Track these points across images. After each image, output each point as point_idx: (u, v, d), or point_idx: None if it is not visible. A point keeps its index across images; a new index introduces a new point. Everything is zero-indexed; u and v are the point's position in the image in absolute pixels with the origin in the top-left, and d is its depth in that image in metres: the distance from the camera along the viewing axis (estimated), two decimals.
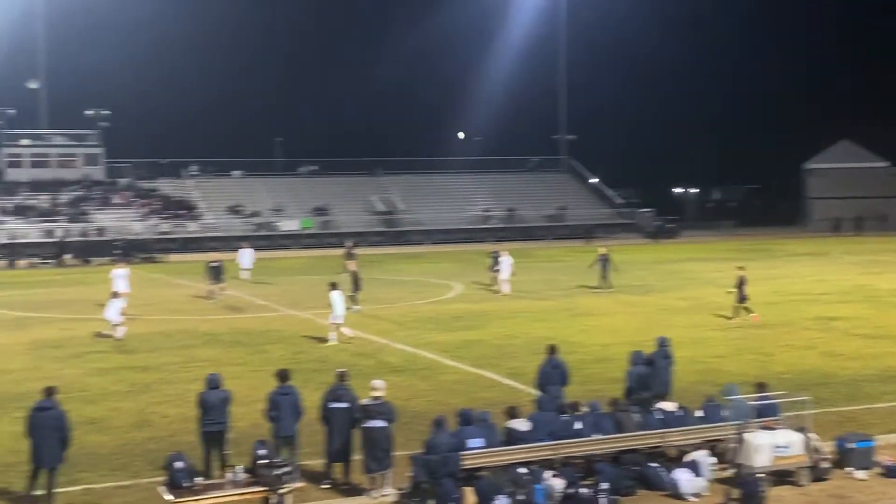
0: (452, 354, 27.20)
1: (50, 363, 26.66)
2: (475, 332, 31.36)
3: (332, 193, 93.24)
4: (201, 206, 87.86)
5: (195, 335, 31.35)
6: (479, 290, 43.65)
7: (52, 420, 14.64)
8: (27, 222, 78.90)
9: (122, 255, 68.23)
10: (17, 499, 14.91)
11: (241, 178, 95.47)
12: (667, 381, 19.36)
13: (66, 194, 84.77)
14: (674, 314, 34.88)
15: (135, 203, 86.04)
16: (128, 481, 15.94)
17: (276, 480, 13.64)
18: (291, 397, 15.78)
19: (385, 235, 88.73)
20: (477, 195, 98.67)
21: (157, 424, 19.72)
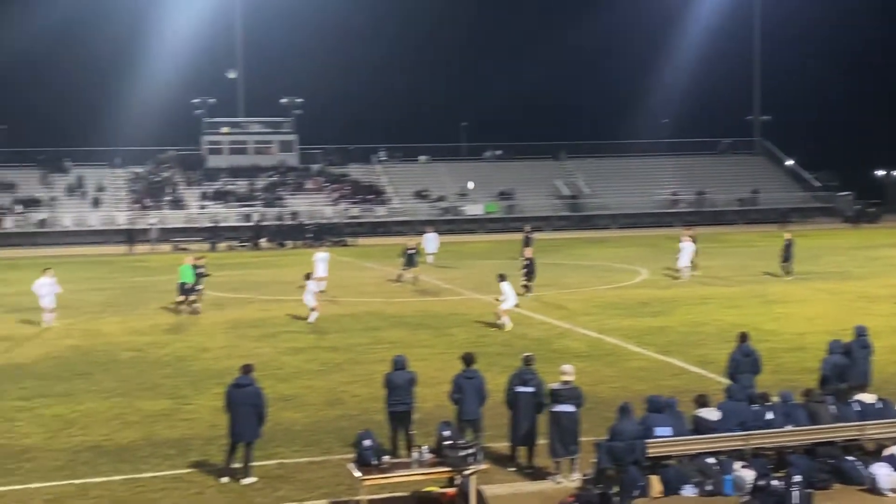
0: (638, 341, 26.81)
1: (247, 342, 27.84)
2: (662, 318, 30.80)
3: (516, 178, 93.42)
4: (389, 190, 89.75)
5: (382, 317, 32.07)
6: (666, 275, 42.82)
7: (249, 396, 15.27)
8: (226, 207, 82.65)
9: (314, 239, 70.72)
10: (216, 470, 15.65)
11: (427, 164, 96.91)
12: (865, 371, 18.47)
13: (262, 180, 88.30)
14: (873, 302, 33.24)
15: (326, 188, 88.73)
16: (320, 457, 16.48)
17: (461, 462, 13.77)
18: (476, 381, 15.90)
19: (570, 220, 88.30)
20: (665, 178, 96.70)
21: (347, 403, 20.29)
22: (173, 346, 27.31)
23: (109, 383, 22.55)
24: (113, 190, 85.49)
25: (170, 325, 31.07)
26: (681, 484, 14.41)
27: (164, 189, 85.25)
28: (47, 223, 78.48)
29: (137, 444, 17.49)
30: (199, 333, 29.43)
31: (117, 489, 15.02)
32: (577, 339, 27.35)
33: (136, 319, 32.69)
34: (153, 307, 35.82)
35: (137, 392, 21.60)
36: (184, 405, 20.30)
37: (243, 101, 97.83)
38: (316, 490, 14.83)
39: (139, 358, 25.67)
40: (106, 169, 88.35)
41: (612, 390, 20.65)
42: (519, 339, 27.16)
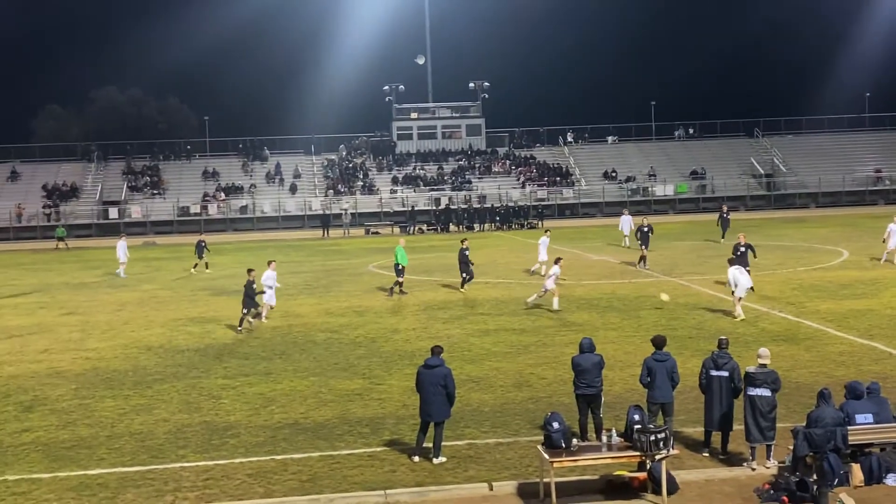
0: (839, 324, 25.70)
1: (436, 324, 28.29)
2: (865, 300, 29.40)
3: (708, 156, 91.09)
4: (576, 172, 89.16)
5: (570, 300, 31.91)
6: (870, 257, 40.81)
7: (438, 377, 15.51)
8: (416, 191, 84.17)
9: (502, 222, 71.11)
10: (408, 449, 16.00)
11: (615, 144, 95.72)
12: None
13: (451, 164, 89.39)
14: None
15: (513, 171, 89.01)
16: (508, 438, 16.60)
17: (652, 446, 13.59)
18: (668, 364, 15.62)
19: (765, 199, 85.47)
20: (867, 154, 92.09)
21: (535, 385, 20.34)
22: (366, 327, 28.06)
23: (306, 363, 23.40)
24: (308, 176, 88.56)
25: (363, 308, 31.91)
26: (884, 473, 13.77)
27: (357, 174, 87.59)
28: (248, 209, 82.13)
29: (333, 422, 18.08)
30: (391, 315, 30.12)
31: (314, 465, 15.58)
32: (774, 323, 26.47)
33: (330, 301, 33.75)
34: (347, 289, 36.88)
35: (332, 372, 22.32)
36: (376, 385, 20.85)
37: (431, 87, 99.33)
38: (504, 471, 14.95)
39: (334, 339, 26.50)
40: (301, 156, 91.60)
41: (811, 375, 19.91)
42: (711, 322, 26.52)
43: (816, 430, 13.82)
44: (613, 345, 23.43)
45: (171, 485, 14.93)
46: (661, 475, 13.54)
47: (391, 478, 14.86)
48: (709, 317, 27.62)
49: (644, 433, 13.69)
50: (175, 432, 17.73)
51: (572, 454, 13.81)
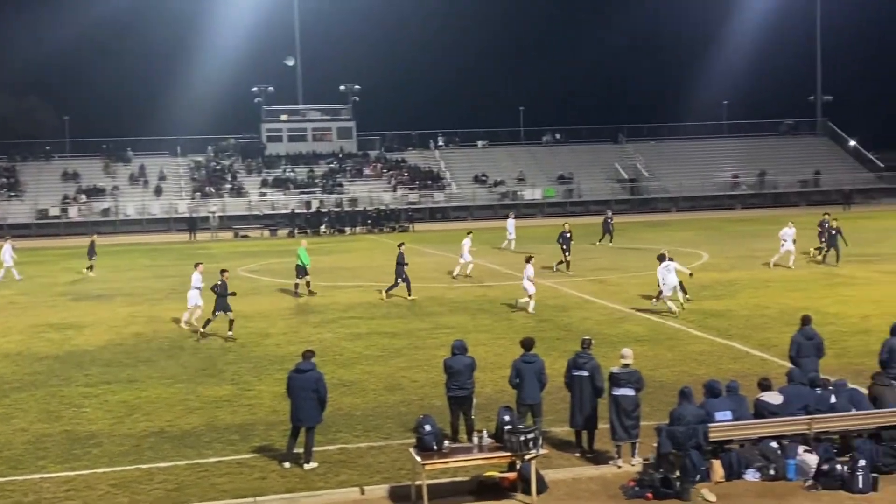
0: (699, 324, 26.56)
1: (307, 328, 28.08)
2: (724, 301, 30.48)
3: (575, 161, 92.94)
4: (447, 176, 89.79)
5: (442, 302, 32.13)
6: (728, 258, 42.28)
7: (310, 382, 15.39)
8: (286, 194, 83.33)
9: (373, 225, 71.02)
10: (278, 455, 15.82)
11: (485, 148, 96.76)
12: None
13: (321, 167, 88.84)
14: None
15: (384, 174, 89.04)
16: (380, 442, 16.58)
17: (522, 446, 13.78)
18: (536, 365, 15.86)
19: (629, 203, 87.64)
20: (725, 160, 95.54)
21: (407, 388, 20.38)
22: (235, 332, 27.61)
23: (173, 370, 22.91)
24: (174, 178, 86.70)
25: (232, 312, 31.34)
26: (743, 468, 14.28)
27: (225, 177, 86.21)
28: (110, 212, 79.87)
29: (200, 429, 17.75)
30: (261, 320, 29.74)
31: (181, 474, 15.26)
32: (637, 323, 27.17)
33: None
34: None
35: (200, 378, 21.91)
36: (246, 391, 20.55)
37: (302, 89, 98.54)
38: (376, 475, 14.93)
39: (202, 344, 26.01)
40: (167, 158, 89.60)
41: (673, 374, 20.51)
42: (579, 324, 27.06)
43: (679, 428, 14.25)
44: (485, 347, 23.67)
45: (31, 496, 14.41)
46: (530, 475, 13.73)
47: (261, 485, 14.67)
48: (577, 318, 28.18)
49: (514, 434, 13.88)
50: (34, 442, 17.12)
51: (444, 456, 13.89)
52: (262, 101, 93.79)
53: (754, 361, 21.74)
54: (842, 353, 21.83)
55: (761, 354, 22.41)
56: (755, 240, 51.41)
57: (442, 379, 16.64)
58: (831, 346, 19.80)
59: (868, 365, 18.76)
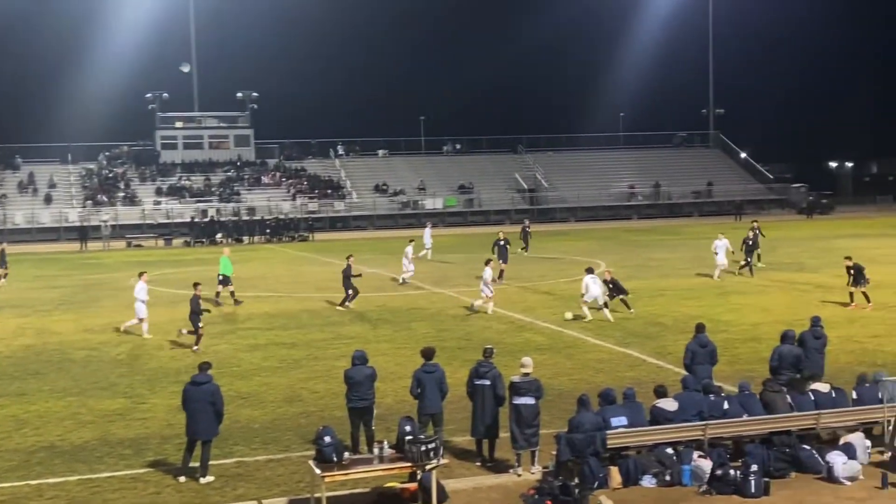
0: (597, 333, 26.91)
1: (204, 339, 27.52)
2: (621, 310, 30.92)
3: (475, 171, 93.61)
4: (347, 185, 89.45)
5: (342, 312, 31.91)
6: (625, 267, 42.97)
7: (206, 394, 15.09)
8: (182, 202, 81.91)
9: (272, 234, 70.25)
10: (173, 469, 15.46)
11: (385, 158, 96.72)
12: (819, 362, 18.60)
13: (218, 175, 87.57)
14: (828, 292, 33.63)
15: (283, 183, 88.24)
16: (279, 454, 16.34)
17: (422, 456, 13.73)
18: (436, 375, 15.83)
19: (528, 213, 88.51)
20: (622, 171, 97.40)
21: (306, 400, 20.15)
22: (128, 344, 26.99)
23: (63, 383, 22.24)
24: (65, 186, 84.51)
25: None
26: (640, 475, 14.47)
27: (118, 185, 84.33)
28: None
29: (92, 444, 17.25)
30: (155, 331, 29.08)
31: (73, 489, 14.80)
32: (537, 332, 27.40)
33: (89, 318, 32.28)
34: (107, 305, 35.39)
35: (92, 391, 21.31)
36: (139, 404, 20.06)
37: (198, 96, 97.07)
38: (275, 488, 14.70)
39: (93, 357, 25.33)
40: (58, 165, 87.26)
41: (572, 382, 20.71)
42: (480, 333, 27.16)
43: (577, 436, 14.38)
44: (385, 357, 23.57)
45: None
46: (431, 485, 13.69)
47: (155, 500, 14.31)
48: (477, 327, 28.28)
49: (415, 444, 13.81)
50: None
51: (344, 468, 13.75)
52: (156, 107, 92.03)
53: (650, 369, 22.11)
54: (734, 360, 22.36)
55: (657, 362, 22.81)
56: (651, 249, 52.49)
57: (342, 390, 16.49)
58: (724, 353, 20.24)
59: (759, 371, 19.24)
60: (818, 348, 18.67)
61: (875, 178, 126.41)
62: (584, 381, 20.61)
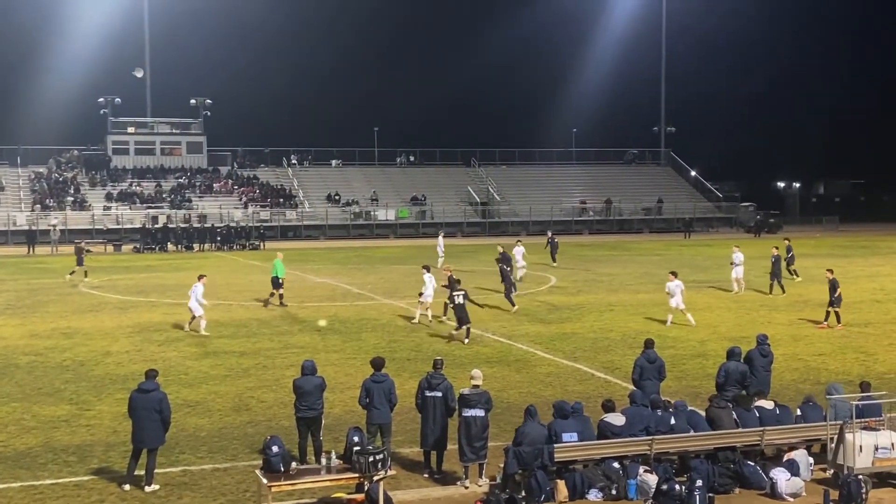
0: (547, 346, 27.07)
1: (151, 346, 27.32)
2: (570, 324, 31.16)
3: (428, 183, 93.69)
4: (300, 194, 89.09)
5: (292, 321, 31.80)
6: (575, 282, 43.27)
7: (153, 402, 14.96)
8: (132, 208, 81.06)
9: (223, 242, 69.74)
10: (118, 477, 15.30)
11: (339, 168, 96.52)
12: (766, 379, 18.89)
13: (170, 181, 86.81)
14: (774, 310, 34.15)
15: (235, 191, 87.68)
16: (226, 464, 16.24)
17: (370, 467, 13.72)
18: (385, 385, 15.83)
19: (481, 226, 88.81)
20: (574, 187, 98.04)
21: (254, 409, 20.04)
22: (75, 350, 26.67)
23: (7, 388, 21.90)
24: (13, 189, 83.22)
25: (72, 329, 30.30)
26: (586, 488, 14.57)
27: (67, 189, 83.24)
28: None
29: (36, 450, 17.02)
30: (102, 338, 28.78)
31: (14, 496, 14.58)
32: (487, 345, 27.49)
33: (35, 323, 31.84)
34: (54, 310, 34.93)
35: (36, 397, 21.02)
36: (85, 411, 19.83)
37: (150, 101, 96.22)
38: (221, 497, 14.61)
39: (38, 362, 24.98)
40: (6, 167, 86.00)
41: (521, 395, 20.80)
42: (429, 344, 27.19)
43: (525, 449, 14.45)
44: (334, 367, 23.52)
45: None
46: (378, 496, 13.69)
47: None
48: (427, 339, 28.30)
49: (363, 454, 13.80)
50: None
51: (291, 478, 13.70)
52: (108, 112, 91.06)
53: (599, 383, 22.28)
54: (681, 375, 22.61)
55: (605, 376, 22.99)
56: (601, 264, 52.86)
57: (290, 399, 16.43)
58: (671, 369, 20.47)
59: (705, 387, 19.50)
60: (765, 366, 18.96)
61: (822, 199, 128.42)
62: (532, 395, 20.71)
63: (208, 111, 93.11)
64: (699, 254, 63.45)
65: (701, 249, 67.70)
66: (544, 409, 15.82)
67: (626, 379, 20.02)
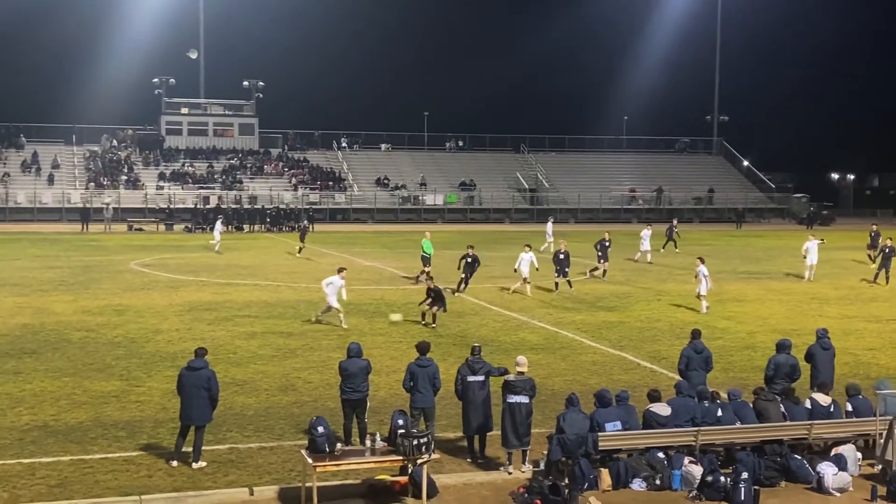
0: (593, 335, 26.97)
1: (201, 325, 27.62)
2: (617, 313, 31.00)
3: (477, 169, 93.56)
4: (349, 177, 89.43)
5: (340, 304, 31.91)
6: (623, 271, 43.02)
7: (201, 380, 15.13)
8: (184, 188, 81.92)
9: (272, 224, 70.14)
10: (166, 453, 15.52)
11: (388, 152, 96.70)
12: (828, 373, 18.45)
13: (221, 162, 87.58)
14: (825, 303, 33.71)
15: (286, 173, 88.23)
16: (272, 443, 16.40)
17: (414, 450, 13.78)
18: (430, 369, 15.88)
19: (529, 212, 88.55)
20: (623, 175, 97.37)
21: (300, 389, 20.20)
22: (126, 327, 27.05)
23: (59, 363, 22.29)
24: (68, 167, 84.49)
25: (123, 306, 30.73)
26: (630, 478, 14.52)
27: (121, 168, 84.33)
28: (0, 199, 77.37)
29: (86, 424, 17.30)
30: (153, 315, 29.16)
31: (65, 470, 14.85)
32: (533, 332, 27.45)
33: (88, 299, 32.33)
34: (106, 287, 35.44)
35: (87, 372, 21.37)
36: (135, 387, 20.12)
37: (204, 83, 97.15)
38: (266, 475, 14.76)
39: (90, 338, 25.38)
40: (62, 146, 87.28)
41: (566, 383, 20.76)
42: (475, 331, 27.20)
43: (569, 436, 14.43)
44: (380, 350, 23.62)
45: None
46: (422, 479, 13.75)
47: (147, 483, 14.37)
48: (473, 325, 28.31)
49: (407, 438, 13.87)
50: None
51: (336, 458, 13.81)
52: (162, 92, 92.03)
53: (644, 373, 22.16)
54: (728, 367, 22.42)
55: (651, 366, 22.86)
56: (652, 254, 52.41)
57: (336, 381, 16.54)
58: (718, 360, 20.29)
59: (752, 380, 19.32)
60: (827, 360, 18.59)
61: (876, 192, 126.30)
62: (577, 383, 20.66)
63: (260, 93, 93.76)
64: (749, 245, 62.79)
65: (752, 240, 66.99)
66: (589, 397, 15.76)
67: (673, 369, 19.90)
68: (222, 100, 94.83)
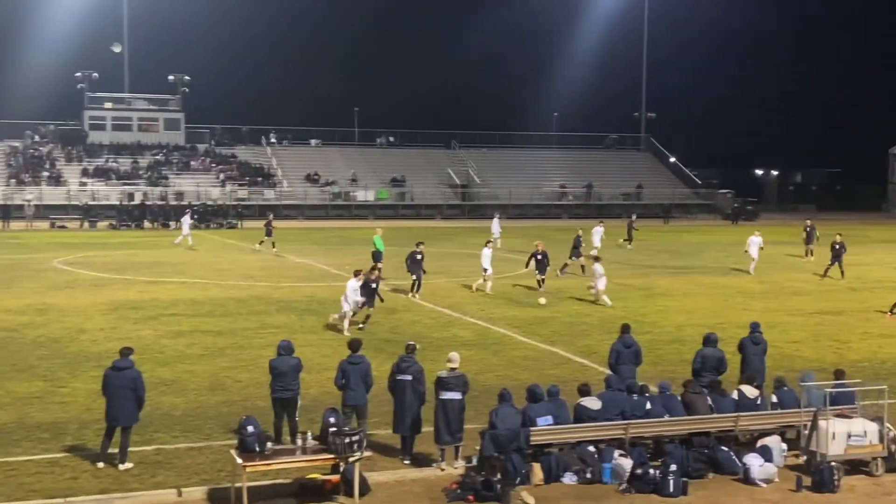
0: (524, 330, 27.08)
1: (127, 324, 27.16)
2: (548, 308, 31.18)
3: (408, 165, 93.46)
4: (278, 173, 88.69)
5: (269, 301, 31.68)
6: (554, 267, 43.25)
7: (127, 380, 14.87)
8: (108, 184, 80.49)
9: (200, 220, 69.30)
10: (92, 455, 15.21)
11: (318, 147, 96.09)
12: (759, 367, 18.74)
13: (146, 158, 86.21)
14: (750, 297, 34.31)
15: (213, 169, 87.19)
16: (200, 443, 16.17)
17: (346, 449, 13.70)
18: (362, 367, 15.80)
19: (460, 209, 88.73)
20: (554, 171, 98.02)
21: (230, 388, 19.96)
22: (49, 326, 26.48)
23: None
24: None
25: (46, 306, 30.09)
26: (562, 472, 14.60)
27: (43, 164, 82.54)
28: None
29: (9, 426, 16.90)
30: (77, 314, 28.59)
31: None
32: (465, 328, 27.48)
33: (9, 298, 31.58)
34: (28, 286, 34.66)
35: (10, 373, 20.87)
36: (59, 388, 19.70)
37: (128, 77, 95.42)
38: (195, 476, 14.54)
39: (12, 338, 24.79)
40: None
41: (498, 379, 20.79)
42: (408, 327, 27.15)
43: (502, 432, 14.46)
44: (311, 348, 23.45)
45: None
46: (353, 477, 13.66)
47: (73, 485, 14.07)
48: (405, 321, 28.27)
49: (338, 436, 13.77)
50: None
51: (266, 458, 13.66)
52: (85, 87, 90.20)
53: (575, 367, 22.32)
54: (657, 360, 22.68)
55: (582, 361, 23.04)
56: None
57: (266, 379, 16.38)
58: (647, 353, 20.50)
59: (680, 373, 19.55)
60: (757, 354, 18.88)
61: (799, 187, 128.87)
62: (509, 378, 20.72)
63: (186, 88, 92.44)
64: (677, 240, 63.74)
65: (679, 235, 68.02)
66: (521, 392, 15.81)
67: (603, 363, 20.06)
68: (147, 94, 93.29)
